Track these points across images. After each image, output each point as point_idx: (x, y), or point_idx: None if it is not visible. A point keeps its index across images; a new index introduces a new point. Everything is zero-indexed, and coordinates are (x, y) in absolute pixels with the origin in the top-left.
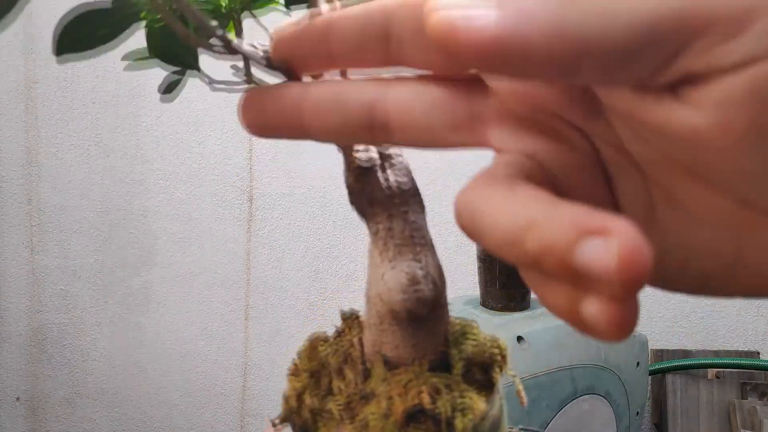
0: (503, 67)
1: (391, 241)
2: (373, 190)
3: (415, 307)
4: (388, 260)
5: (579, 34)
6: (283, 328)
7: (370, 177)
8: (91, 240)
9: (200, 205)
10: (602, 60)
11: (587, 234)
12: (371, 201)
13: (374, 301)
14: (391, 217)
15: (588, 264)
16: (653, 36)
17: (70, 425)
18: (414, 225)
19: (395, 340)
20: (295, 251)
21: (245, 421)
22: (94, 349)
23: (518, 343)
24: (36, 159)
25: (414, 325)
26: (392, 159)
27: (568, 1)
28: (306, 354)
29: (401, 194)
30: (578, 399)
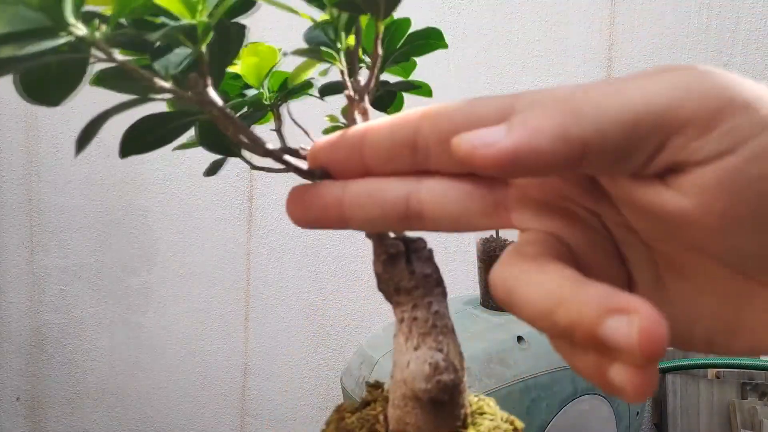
0: (518, 172)
1: (415, 329)
2: (400, 279)
3: (436, 395)
4: (413, 348)
5: (579, 138)
6: (283, 328)
7: (396, 266)
8: (91, 240)
9: (200, 205)
10: (599, 156)
11: (612, 312)
12: (397, 289)
13: (399, 385)
14: (415, 307)
15: (613, 338)
16: (638, 135)
17: (70, 425)
18: (437, 314)
19: (418, 421)
20: (295, 251)
21: (245, 421)
22: (94, 349)
23: (518, 343)
24: (36, 159)
25: (435, 409)
26: (418, 249)
27: (568, 110)
28: (334, 424)
29: (425, 284)
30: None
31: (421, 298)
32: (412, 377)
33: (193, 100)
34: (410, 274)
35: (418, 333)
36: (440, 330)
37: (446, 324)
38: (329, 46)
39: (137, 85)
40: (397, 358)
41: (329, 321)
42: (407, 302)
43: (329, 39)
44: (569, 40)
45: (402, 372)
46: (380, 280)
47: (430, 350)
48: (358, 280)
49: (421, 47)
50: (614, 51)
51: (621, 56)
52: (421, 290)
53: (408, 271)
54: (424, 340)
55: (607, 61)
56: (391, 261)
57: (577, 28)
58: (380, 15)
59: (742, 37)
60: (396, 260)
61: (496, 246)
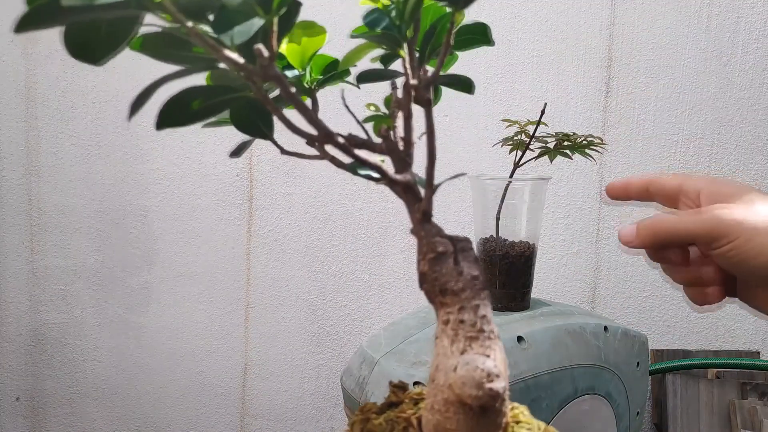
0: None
1: (462, 333)
2: (447, 280)
3: (487, 402)
4: (459, 352)
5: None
6: (283, 328)
7: (443, 265)
8: (91, 240)
9: (200, 205)
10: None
11: None
12: (443, 290)
13: (442, 389)
14: (462, 309)
15: None
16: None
17: (70, 425)
18: (484, 319)
19: (459, 428)
20: (295, 251)
21: (245, 421)
22: (94, 349)
23: (518, 343)
24: (36, 159)
25: (481, 416)
26: (465, 249)
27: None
28: (359, 426)
29: (473, 287)
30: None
31: (469, 301)
32: (461, 382)
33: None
34: (458, 275)
35: (465, 336)
36: (487, 335)
37: (492, 329)
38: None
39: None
40: (441, 362)
41: (329, 321)
42: (454, 304)
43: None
44: (569, 40)
45: (447, 376)
46: (425, 280)
47: (478, 355)
48: (358, 280)
49: (467, 42)
50: (614, 51)
51: (621, 56)
52: (468, 292)
53: (456, 272)
54: (470, 344)
55: (607, 61)
56: (438, 260)
57: (577, 28)
58: (459, 5)
59: (742, 37)
60: (444, 259)
61: (495, 246)
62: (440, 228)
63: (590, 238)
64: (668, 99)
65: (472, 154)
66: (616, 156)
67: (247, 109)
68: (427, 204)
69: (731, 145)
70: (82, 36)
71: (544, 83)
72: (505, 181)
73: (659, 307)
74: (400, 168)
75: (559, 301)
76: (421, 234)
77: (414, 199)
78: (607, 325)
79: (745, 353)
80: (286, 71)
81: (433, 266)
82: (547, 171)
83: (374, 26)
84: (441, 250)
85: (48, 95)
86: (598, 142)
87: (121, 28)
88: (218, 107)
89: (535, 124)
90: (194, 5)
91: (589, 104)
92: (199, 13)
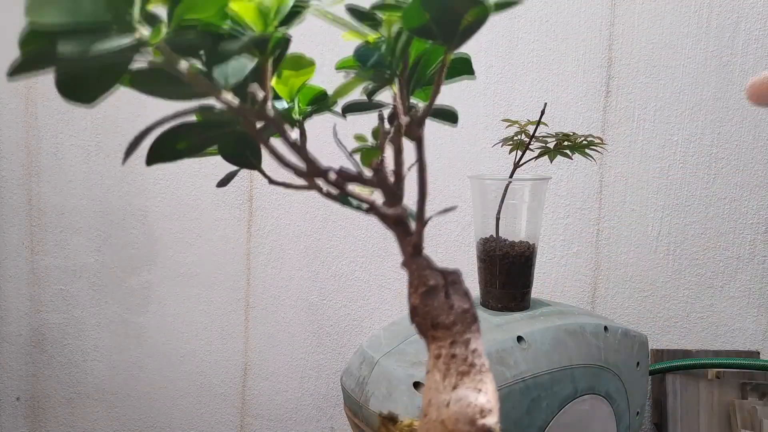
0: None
1: (453, 367)
2: (438, 314)
3: None
4: (452, 387)
5: None
6: (283, 328)
7: (435, 299)
8: (91, 240)
9: (200, 205)
10: None
11: None
12: (435, 324)
13: (435, 424)
14: (454, 344)
15: None
16: None
17: (70, 425)
18: (475, 353)
19: None
20: (295, 251)
21: (245, 421)
22: (94, 349)
23: (518, 343)
24: (36, 159)
25: None
26: (456, 282)
27: None
28: None
29: (464, 320)
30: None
31: (460, 335)
32: (454, 419)
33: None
34: (449, 308)
35: (457, 371)
36: (479, 369)
37: (484, 363)
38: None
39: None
40: (433, 396)
41: (329, 321)
42: (445, 338)
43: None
44: (569, 40)
45: (439, 411)
46: (416, 313)
47: (471, 391)
48: (358, 280)
49: (450, 73)
50: (614, 51)
51: (621, 56)
52: (460, 326)
53: (447, 306)
54: (462, 379)
55: (607, 61)
56: (429, 294)
57: (577, 28)
58: (452, 46)
59: (742, 37)
60: (435, 293)
61: (495, 246)
62: (431, 260)
63: (590, 238)
64: (668, 99)
65: (472, 154)
66: (616, 156)
67: (236, 142)
68: (418, 238)
69: (731, 145)
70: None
71: (544, 83)
72: (505, 181)
73: (659, 307)
74: (391, 201)
75: (559, 301)
76: (413, 267)
77: (405, 233)
78: (607, 325)
79: (745, 353)
80: (274, 101)
81: (424, 300)
82: (547, 171)
83: (364, 61)
84: (432, 283)
85: (48, 95)
86: (598, 142)
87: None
88: (208, 142)
89: (535, 124)
90: (187, 44)
91: (589, 104)
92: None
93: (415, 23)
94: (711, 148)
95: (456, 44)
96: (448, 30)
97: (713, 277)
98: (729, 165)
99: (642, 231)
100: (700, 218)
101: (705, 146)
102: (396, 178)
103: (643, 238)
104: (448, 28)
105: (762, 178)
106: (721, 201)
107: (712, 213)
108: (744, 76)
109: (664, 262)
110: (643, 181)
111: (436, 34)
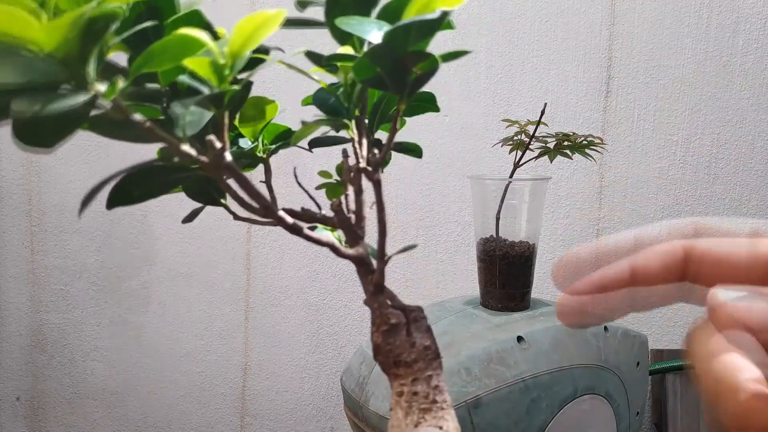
0: None
1: (415, 405)
2: (400, 352)
3: None
4: (413, 424)
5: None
6: (283, 328)
7: (396, 337)
8: (91, 240)
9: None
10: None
11: None
12: (397, 362)
13: None
14: (416, 381)
15: None
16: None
17: (70, 425)
18: (437, 389)
19: None
20: (295, 251)
21: (245, 421)
22: (94, 349)
23: (518, 343)
24: (36, 159)
25: None
26: (417, 320)
27: None
28: None
29: (425, 357)
30: (578, 399)
31: (422, 372)
32: None
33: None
34: (410, 346)
35: (419, 408)
36: (440, 405)
37: (445, 399)
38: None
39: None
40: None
41: (329, 321)
42: (407, 375)
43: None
44: (569, 40)
45: None
46: (379, 352)
47: (432, 428)
48: (358, 280)
49: (414, 109)
50: (614, 51)
51: (621, 56)
52: (421, 363)
53: (409, 343)
54: (424, 416)
55: (607, 61)
56: (391, 332)
57: (577, 28)
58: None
59: (742, 37)
60: (397, 331)
61: (495, 246)
62: (394, 296)
63: (590, 238)
64: (668, 99)
65: (472, 154)
66: (616, 156)
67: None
68: (380, 276)
69: (731, 145)
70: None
71: (544, 83)
72: (505, 181)
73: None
74: (352, 242)
75: None
76: (375, 306)
77: (367, 272)
78: (607, 325)
79: None
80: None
81: (386, 338)
82: (547, 171)
83: (322, 105)
84: (394, 322)
85: None
86: (598, 142)
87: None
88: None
89: (535, 124)
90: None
91: (589, 104)
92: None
93: (366, 75)
94: (711, 148)
95: (408, 94)
96: (398, 82)
97: None
98: (729, 165)
99: None
100: None
101: (705, 146)
102: (356, 218)
103: None
104: (398, 80)
105: (762, 178)
106: (721, 201)
107: (712, 213)
108: (744, 76)
109: None
110: (643, 181)
111: (388, 85)
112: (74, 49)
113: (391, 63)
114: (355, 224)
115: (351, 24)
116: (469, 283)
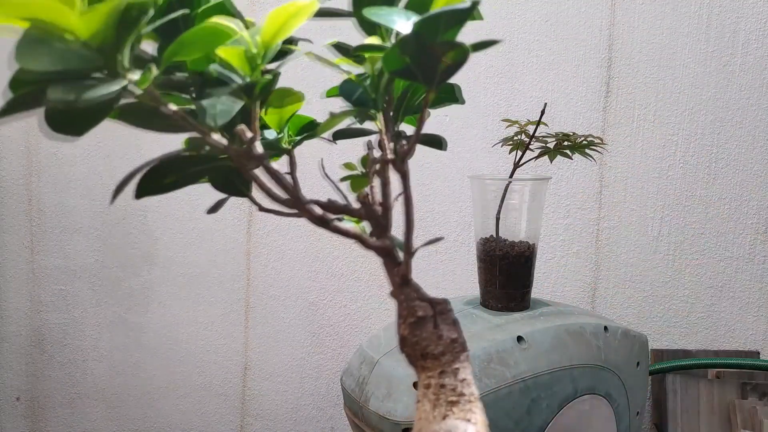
0: None
1: (443, 397)
2: (427, 344)
3: None
4: (441, 417)
5: None
6: (283, 328)
7: (423, 329)
8: (91, 240)
9: (200, 205)
10: None
11: None
12: (424, 355)
13: None
14: (443, 374)
15: None
16: None
17: (70, 425)
18: (464, 382)
19: None
20: (295, 251)
21: (245, 421)
22: (94, 349)
23: (518, 343)
24: (36, 159)
25: None
26: (444, 312)
27: None
28: None
29: (452, 350)
30: (578, 399)
31: (449, 365)
32: None
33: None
34: (438, 338)
35: (446, 401)
36: (468, 398)
37: (473, 392)
38: (367, 104)
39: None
40: (423, 426)
41: (329, 321)
42: (435, 368)
43: (368, 97)
44: (569, 40)
45: None
46: (405, 344)
47: (460, 421)
48: (358, 280)
49: (437, 101)
50: (614, 51)
51: (621, 56)
52: (448, 356)
53: (436, 336)
54: (452, 408)
55: (607, 61)
56: (418, 324)
57: (577, 28)
58: (433, 85)
59: (742, 37)
60: (424, 324)
61: (495, 246)
62: (420, 289)
63: (590, 238)
64: (668, 99)
65: (472, 154)
66: (616, 156)
67: (226, 174)
68: (406, 268)
69: (731, 145)
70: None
71: (544, 83)
72: (505, 181)
73: (659, 307)
74: (378, 233)
75: (559, 301)
76: (401, 298)
77: (392, 263)
78: (607, 325)
79: (745, 353)
80: (264, 131)
81: (413, 331)
82: (547, 171)
83: (349, 96)
84: (421, 314)
85: None
86: (598, 142)
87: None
88: (197, 175)
89: (535, 124)
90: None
91: (589, 104)
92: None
93: (396, 66)
94: (711, 148)
95: (437, 84)
96: (427, 72)
97: (713, 277)
98: (729, 165)
99: (642, 231)
100: (700, 218)
101: (705, 146)
102: (383, 209)
103: (643, 238)
104: (427, 70)
105: (762, 178)
106: (721, 201)
107: (712, 213)
108: (744, 76)
109: (664, 262)
110: (643, 181)
111: (417, 75)
112: (110, 37)
113: (421, 53)
114: (381, 216)
115: (379, 14)
116: (469, 283)
